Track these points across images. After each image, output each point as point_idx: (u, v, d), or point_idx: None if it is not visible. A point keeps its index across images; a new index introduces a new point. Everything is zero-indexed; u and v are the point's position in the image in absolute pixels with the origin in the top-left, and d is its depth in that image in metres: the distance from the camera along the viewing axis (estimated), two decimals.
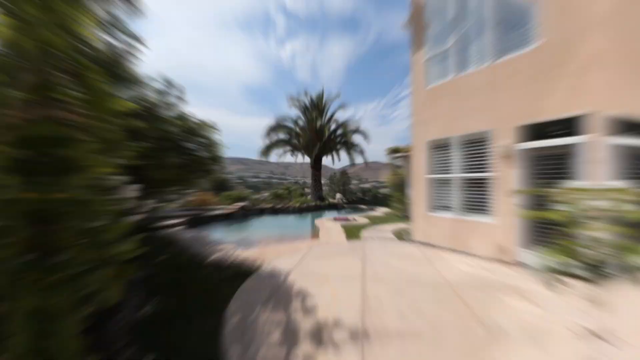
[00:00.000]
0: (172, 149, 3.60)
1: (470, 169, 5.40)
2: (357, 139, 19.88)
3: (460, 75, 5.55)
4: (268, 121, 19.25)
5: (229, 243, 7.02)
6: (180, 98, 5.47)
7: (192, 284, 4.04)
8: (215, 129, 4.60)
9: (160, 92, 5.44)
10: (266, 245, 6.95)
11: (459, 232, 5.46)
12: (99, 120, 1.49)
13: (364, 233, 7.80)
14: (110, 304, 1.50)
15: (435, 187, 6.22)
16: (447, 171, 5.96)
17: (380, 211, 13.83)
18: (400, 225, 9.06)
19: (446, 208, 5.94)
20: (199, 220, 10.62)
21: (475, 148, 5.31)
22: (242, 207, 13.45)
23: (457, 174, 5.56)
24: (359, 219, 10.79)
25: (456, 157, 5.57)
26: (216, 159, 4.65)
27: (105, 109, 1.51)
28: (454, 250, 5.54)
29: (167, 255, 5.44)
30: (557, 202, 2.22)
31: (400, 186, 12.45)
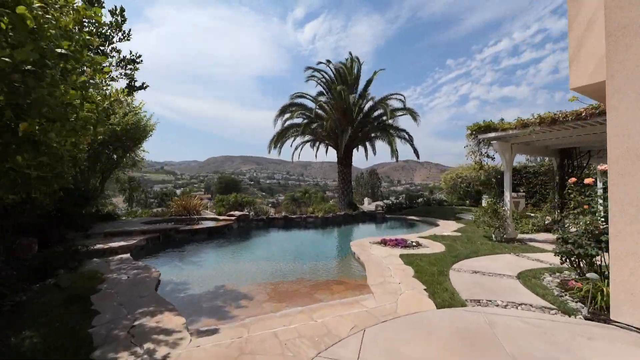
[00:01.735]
0: None
1: None
2: (402, 122, 16.38)
3: None
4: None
5: (184, 300, 4.00)
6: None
7: None
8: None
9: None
10: (259, 307, 3.79)
11: None
12: None
13: (458, 279, 4.42)
14: None
15: None
16: None
17: (448, 227, 10.24)
18: (524, 262, 5.51)
19: None
20: (168, 239, 7.81)
21: None
22: (240, 218, 10.54)
23: None
24: (422, 240, 7.39)
25: None
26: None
27: None
28: None
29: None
30: None
31: (494, 188, 8.80)
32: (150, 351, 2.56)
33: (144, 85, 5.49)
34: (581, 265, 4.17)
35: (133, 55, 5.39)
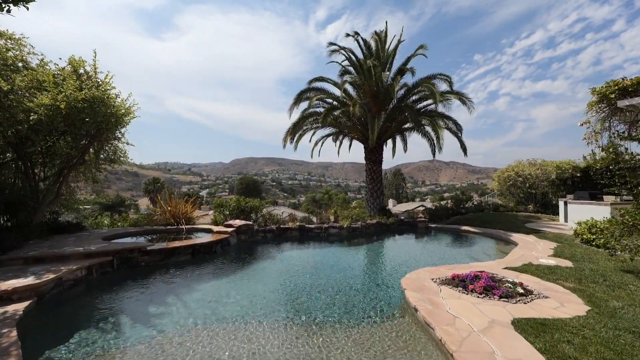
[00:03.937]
0: None
1: None
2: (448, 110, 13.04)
3: None
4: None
5: None
6: None
7: None
8: None
9: None
10: None
11: None
12: None
13: None
14: None
15: None
16: None
17: (533, 247, 6.97)
18: None
19: None
20: (128, 264, 5.29)
21: None
22: (241, 229, 7.91)
23: None
24: (520, 278, 4.30)
25: None
26: None
27: None
28: None
29: None
30: None
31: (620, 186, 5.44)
32: None
33: None
34: None
35: None
